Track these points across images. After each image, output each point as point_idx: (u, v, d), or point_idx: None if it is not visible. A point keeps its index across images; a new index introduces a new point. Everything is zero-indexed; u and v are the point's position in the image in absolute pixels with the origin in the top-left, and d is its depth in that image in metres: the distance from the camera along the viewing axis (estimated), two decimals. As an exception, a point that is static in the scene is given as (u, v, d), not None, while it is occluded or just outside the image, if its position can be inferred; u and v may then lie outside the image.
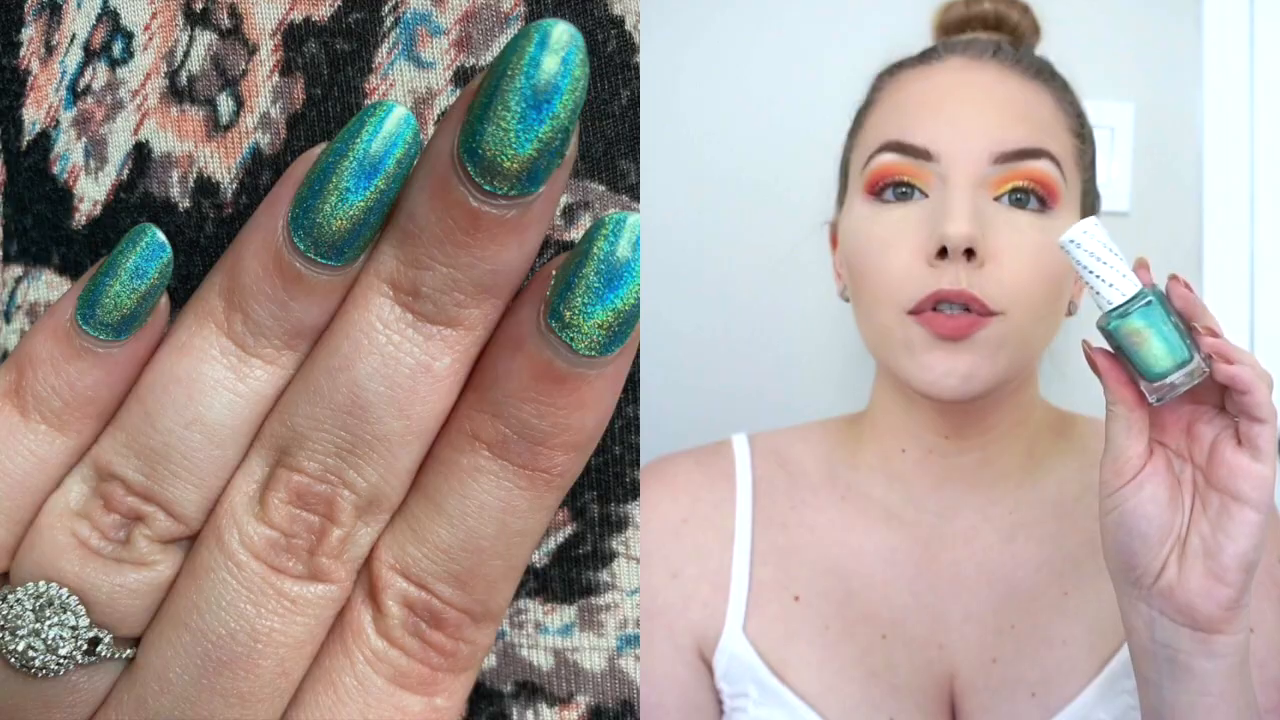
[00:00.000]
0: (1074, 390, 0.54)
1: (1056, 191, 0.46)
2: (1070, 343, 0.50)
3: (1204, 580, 0.36)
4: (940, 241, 0.44)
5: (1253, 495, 0.36)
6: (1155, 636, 0.38)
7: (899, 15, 0.63)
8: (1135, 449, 0.37)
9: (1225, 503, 0.36)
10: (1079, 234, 0.37)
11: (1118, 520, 0.37)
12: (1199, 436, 0.37)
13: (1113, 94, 0.80)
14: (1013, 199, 0.46)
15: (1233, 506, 0.36)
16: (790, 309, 0.79)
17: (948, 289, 0.44)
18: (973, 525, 0.51)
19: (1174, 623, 0.37)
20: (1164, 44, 0.81)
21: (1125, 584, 0.38)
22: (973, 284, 0.44)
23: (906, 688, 0.50)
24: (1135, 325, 0.36)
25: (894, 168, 0.47)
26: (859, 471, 0.53)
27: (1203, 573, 0.36)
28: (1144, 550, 0.37)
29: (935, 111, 0.48)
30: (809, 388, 0.78)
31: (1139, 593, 0.37)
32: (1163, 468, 0.37)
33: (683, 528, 0.53)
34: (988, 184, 0.46)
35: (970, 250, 0.44)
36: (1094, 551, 0.49)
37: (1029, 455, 0.50)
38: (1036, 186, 0.46)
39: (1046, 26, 0.57)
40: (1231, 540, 0.36)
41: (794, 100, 0.77)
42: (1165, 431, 0.38)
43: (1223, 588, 0.36)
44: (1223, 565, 0.36)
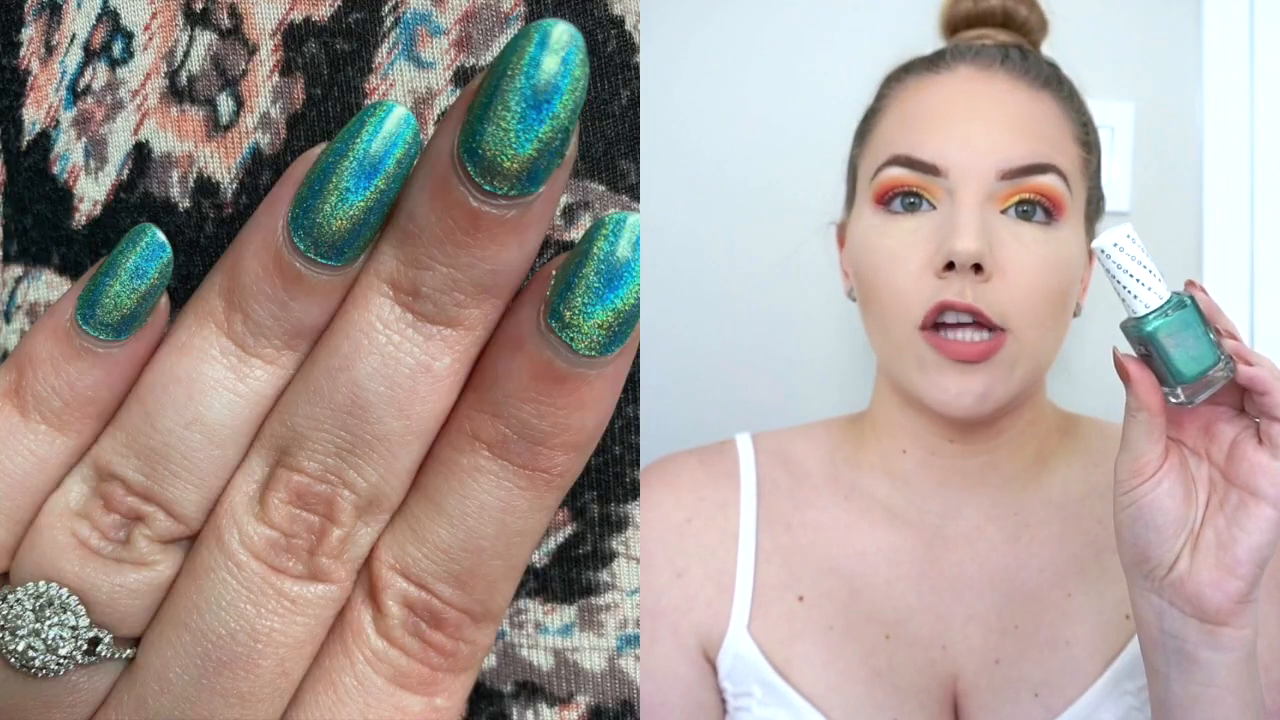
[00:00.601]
0: (1075, 388, 0.54)
1: (1062, 205, 0.47)
2: (1072, 343, 0.50)
3: (1215, 572, 0.37)
4: (948, 256, 0.45)
5: (1271, 492, 0.37)
6: (1164, 627, 0.38)
7: (902, 15, 0.63)
8: (1155, 450, 0.38)
9: (1243, 499, 0.37)
10: (1119, 240, 0.38)
11: (1134, 514, 0.38)
12: (1219, 436, 0.38)
13: (1113, 94, 0.80)
14: (1019, 211, 0.47)
15: (1251, 503, 0.37)
16: (790, 308, 0.79)
17: (954, 300, 0.45)
18: (976, 526, 0.51)
19: (1183, 614, 0.38)
20: (1164, 44, 0.81)
21: (1138, 576, 0.39)
22: (979, 298, 0.45)
23: (910, 688, 0.50)
24: (1175, 328, 0.37)
25: (902, 180, 0.48)
26: (862, 471, 0.53)
27: (1214, 565, 0.37)
28: (1158, 542, 0.38)
29: (943, 126, 0.48)
30: (809, 387, 0.78)
31: (1151, 584, 0.38)
32: (1178, 465, 0.38)
33: (686, 527, 0.53)
34: (995, 198, 0.47)
35: (978, 265, 0.45)
36: (1098, 553, 0.50)
37: (1036, 458, 0.51)
38: (1043, 199, 0.47)
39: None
40: (1246, 534, 0.37)
41: (794, 100, 0.77)
42: (1183, 430, 0.38)
43: (1233, 580, 0.37)
44: (1235, 558, 0.37)
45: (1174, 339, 0.37)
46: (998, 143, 0.47)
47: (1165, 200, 0.80)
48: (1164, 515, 0.38)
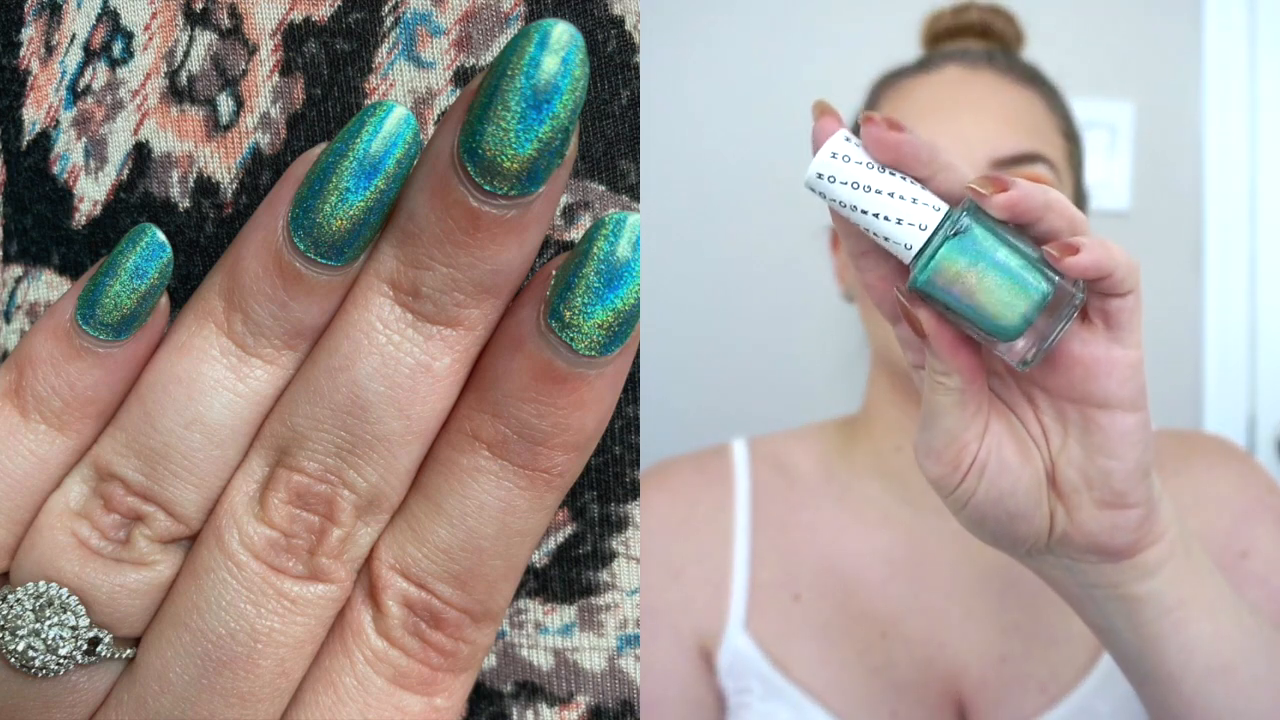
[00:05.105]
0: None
1: None
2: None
3: (1099, 513, 0.29)
4: None
5: (1122, 391, 0.28)
6: (1081, 582, 0.31)
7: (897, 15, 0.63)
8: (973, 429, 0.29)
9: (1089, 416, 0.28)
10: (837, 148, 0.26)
11: (973, 517, 0.30)
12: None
13: (1113, 94, 0.80)
14: None
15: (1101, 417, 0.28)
16: (789, 308, 0.79)
17: None
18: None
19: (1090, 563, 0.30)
20: (1164, 44, 0.81)
21: (1020, 555, 0.32)
22: None
23: (907, 684, 0.50)
24: (954, 266, 0.26)
25: None
26: (855, 472, 0.54)
27: (1095, 506, 0.29)
28: (1022, 524, 0.30)
29: (935, 120, 0.49)
30: (808, 387, 0.78)
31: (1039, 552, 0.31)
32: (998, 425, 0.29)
33: (683, 530, 0.53)
34: None
35: None
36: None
37: None
38: None
39: (1048, 27, 0.58)
40: (1114, 459, 0.29)
41: (794, 100, 0.77)
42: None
43: (1125, 511, 0.29)
44: (1115, 491, 0.29)
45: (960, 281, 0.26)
46: (988, 134, 0.48)
47: (1165, 200, 0.80)
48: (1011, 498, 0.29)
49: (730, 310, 0.79)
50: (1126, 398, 0.28)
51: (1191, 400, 0.81)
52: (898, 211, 0.25)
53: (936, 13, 0.57)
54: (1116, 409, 0.28)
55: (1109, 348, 0.28)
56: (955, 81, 0.51)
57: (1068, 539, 0.30)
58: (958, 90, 0.50)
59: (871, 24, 0.76)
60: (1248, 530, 0.49)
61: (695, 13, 0.78)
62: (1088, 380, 0.28)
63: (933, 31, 0.57)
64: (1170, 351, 0.80)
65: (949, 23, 0.56)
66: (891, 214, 0.25)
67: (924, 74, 0.52)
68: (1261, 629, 0.34)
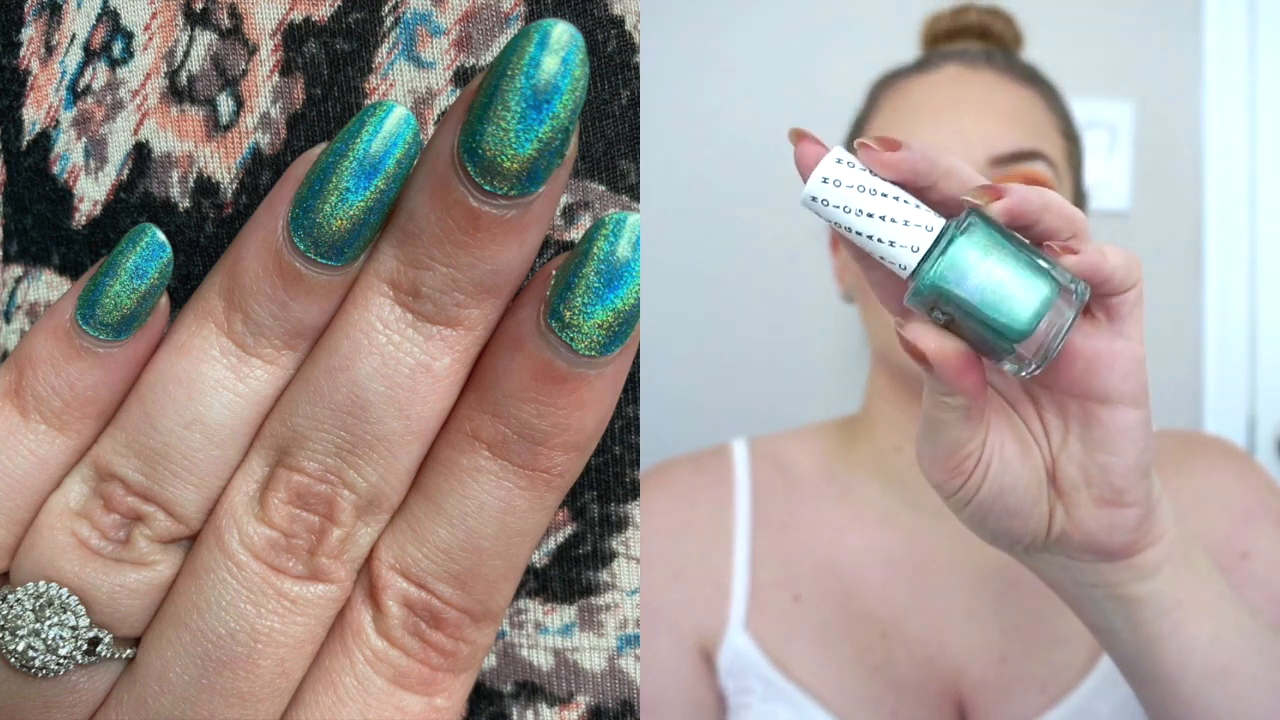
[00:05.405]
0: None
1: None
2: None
3: (1099, 512, 0.30)
4: None
5: (1125, 386, 0.28)
6: (1079, 581, 0.32)
7: (897, 16, 0.63)
8: (976, 439, 0.29)
9: (1090, 411, 0.29)
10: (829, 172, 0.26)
11: (975, 514, 0.31)
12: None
13: (1113, 93, 0.80)
14: None
15: (1103, 413, 0.28)
16: (789, 308, 0.79)
17: None
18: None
19: (1087, 562, 0.31)
20: (1164, 44, 0.81)
21: (1019, 553, 0.32)
22: None
23: (907, 684, 0.50)
24: (964, 261, 0.26)
25: None
26: (855, 472, 0.54)
27: (1094, 504, 0.29)
28: (1021, 522, 0.30)
29: (935, 118, 0.49)
30: (808, 387, 0.78)
31: (1037, 551, 0.32)
32: (1000, 424, 0.30)
33: (683, 530, 0.53)
34: None
35: None
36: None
37: None
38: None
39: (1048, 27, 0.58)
40: (1114, 457, 0.29)
41: (794, 100, 0.77)
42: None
43: (1123, 510, 0.29)
44: (1114, 488, 0.29)
45: (976, 280, 0.26)
46: (988, 131, 0.48)
47: (1165, 200, 0.80)
48: (1011, 495, 0.30)
49: (730, 310, 0.79)
50: (1128, 392, 0.28)
51: (1191, 400, 0.81)
52: (890, 234, 0.26)
53: (935, 14, 0.57)
54: (1118, 404, 0.28)
55: (1111, 340, 0.28)
56: (955, 80, 0.51)
57: (1066, 537, 0.30)
58: (957, 89, 0.51)
59: (871, 25, 0.76)
60: (1248, 531, 0.49)
61: (695, 13, 0.78)
62: (1090, 374, 0.28)
63: (932, 33, 0.57)
64: (1170, 351, 0.80)
65: (948, 24, 0.56)
66: (885, 236, 0.26)
67: (923, 73, 0.52)
68: (1261, 631, 0.34)
